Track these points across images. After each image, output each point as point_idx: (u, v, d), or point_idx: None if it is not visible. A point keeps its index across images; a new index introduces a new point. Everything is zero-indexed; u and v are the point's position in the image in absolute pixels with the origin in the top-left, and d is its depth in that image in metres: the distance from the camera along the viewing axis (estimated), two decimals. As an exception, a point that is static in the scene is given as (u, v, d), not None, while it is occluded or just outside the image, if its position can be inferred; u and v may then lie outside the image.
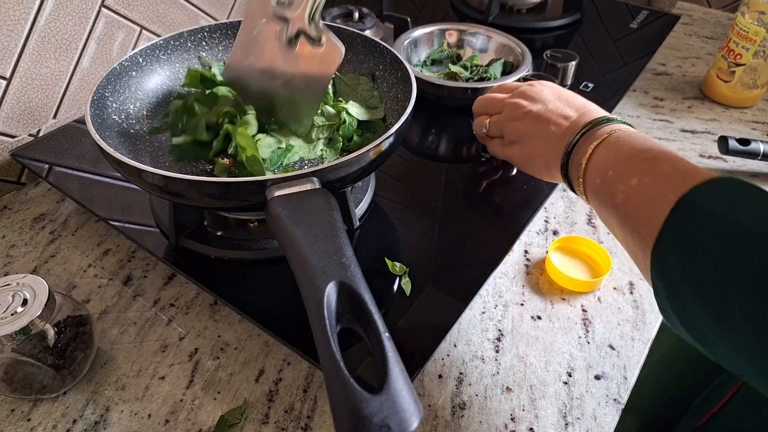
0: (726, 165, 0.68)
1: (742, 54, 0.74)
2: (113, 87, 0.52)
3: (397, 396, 0.28)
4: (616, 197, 0.37)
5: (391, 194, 0.58)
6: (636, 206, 0.35)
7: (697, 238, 0.30)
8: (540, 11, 0.96)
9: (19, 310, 0.39)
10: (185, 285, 0.53)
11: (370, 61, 0.59)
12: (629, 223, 0.35)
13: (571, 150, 0.42)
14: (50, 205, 0.62)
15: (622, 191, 0.36)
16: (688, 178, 0.32)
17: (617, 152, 0.38)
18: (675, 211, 0.31)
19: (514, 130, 0.49)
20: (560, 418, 0.43)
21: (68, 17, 0.64)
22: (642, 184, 0.35)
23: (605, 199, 0.38)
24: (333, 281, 0.32)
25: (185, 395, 0.44)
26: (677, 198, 0.31)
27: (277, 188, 0.39)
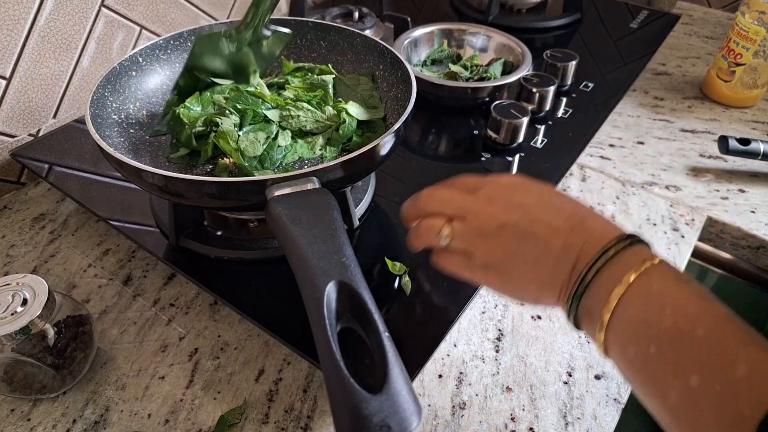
0: (726, 165, 0.68)
1: (743, 54, 0.74)
2: (113, 87, 0.52)
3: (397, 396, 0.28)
4: (668, 395, 0.27)
5: (391, 194, 0.58)
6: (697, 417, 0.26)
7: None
8: (540, 11, 0.96)
9: (19, 309, 0.39)
10: (185, 285, 0.53)
11: (370, 61, 0.59)
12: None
13: (582, 292, 0.32)
14: (50, 204, 0.62)
15: (676, 389, 0.27)
16: None
17: (659, 314, 0.28)
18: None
19: (488, 251, 0.37)
20: (560, 417, 0.43)
21: (68, 17, 0.64)
22: (706, 387, 0.26)
23: (647, 385, 0.29)
24: (333, 281, 0.32)
25: (185, 395, 0.44)
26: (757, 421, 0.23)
27: (277, 188, 0.39)
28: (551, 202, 0.37)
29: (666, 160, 0.69)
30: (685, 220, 0.61)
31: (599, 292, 0.31)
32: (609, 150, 0.71)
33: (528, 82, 0.68)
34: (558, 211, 0.36)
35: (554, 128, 0.69)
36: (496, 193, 0.38)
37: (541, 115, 0.70)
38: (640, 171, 0.67)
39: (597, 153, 0.70)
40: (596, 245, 0.33)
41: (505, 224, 0.36)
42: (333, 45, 0.61)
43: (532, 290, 0.36)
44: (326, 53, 0.61)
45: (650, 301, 0.29)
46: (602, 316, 0.30)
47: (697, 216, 0.61)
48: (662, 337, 0.28)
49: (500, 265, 0.37)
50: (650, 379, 0.29)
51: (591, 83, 0.77)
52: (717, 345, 0.26)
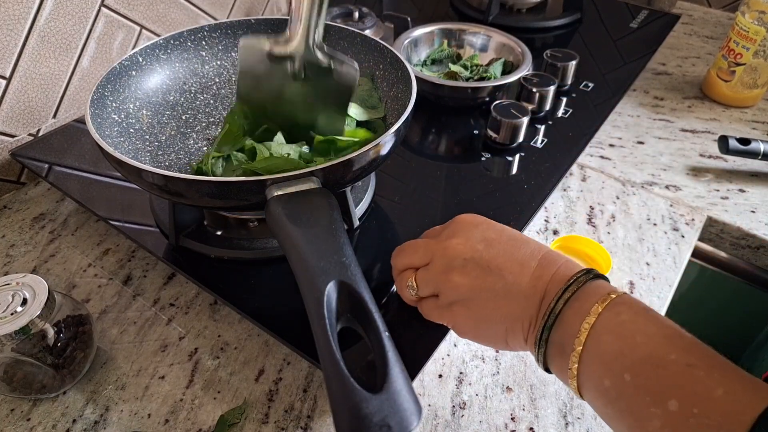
0: (726, 165, 0.68)
1: (743, 53, 0.74)
2: (113, 86, 0.52)
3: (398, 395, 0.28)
4: (648, 423, 0.27)
5: (391, 194, 0.58)
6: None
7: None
8: (540, 11, 0.96)
9: (18, 309, 0.39)
10: (185, 284, 0.53)
11: (370, 61, 0.59)
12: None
13: (552, 323, 0.32)
14: (50, 204, 0.62)
15: (656, 416, 0.27)
16: (748, 407, 0.24)
17: (631, 343, 0.29)
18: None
19: (452, 285, 0.36)
20: (560, 417, 0.43)
21: (68, 17, 0.64)
22: (686, 411, 0.26)
23: (625, 416, 0.29)
24: (333, 280, 0.32)
25: (185, 395, 0.44)
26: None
27: (277, 188, 0.39)
28: (514, 238, 0.37)
29: (666, 159, 0.69)
30: (685, 219, 0.61)
31: (569, 324, 0.31)
32: (609, 150, 0.71)
33: (528, 82, 0.68)
34: (522, 246, 0.36)
35: (554, 128, 0.69)
36: (459, 229, 0.38)
37: (541, 114, 0.70)
38: (640, 171, 0.67)
39: (597, 153, 0.70)
40: (562, 279, 0.33)
41: (471, 258, 0.36)
42: (333, 45, 0.61)
43: (500, 328, 0.35)
44: (326, 53, 0.61)
45: (621, 331, 0.29)
46: (574, 348, 0.30)
47: (697, 216, 0.61)
48: (636, 365, 0.28)
49: (467, 301, 0.36)
50: (628, 409, 0.28)
51: (591, 83, 0.77)
52: (690, 369, 0.27)
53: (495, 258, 0.35)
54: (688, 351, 0.27)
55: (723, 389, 0.25)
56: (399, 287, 0.42)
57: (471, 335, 0.38)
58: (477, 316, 0.36)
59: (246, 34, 0.62)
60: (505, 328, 0.35)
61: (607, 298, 0.31)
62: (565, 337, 0.31)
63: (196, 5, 0.79)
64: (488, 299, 0.35)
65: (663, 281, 0.54)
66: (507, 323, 0.35)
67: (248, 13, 0.88)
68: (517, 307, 0.34)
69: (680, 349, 0.28)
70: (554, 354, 0.33)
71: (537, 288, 0.33)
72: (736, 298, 0.73)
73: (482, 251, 0.36)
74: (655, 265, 0.55)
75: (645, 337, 0.29)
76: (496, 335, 0.36)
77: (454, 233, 0.38)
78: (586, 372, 0.30)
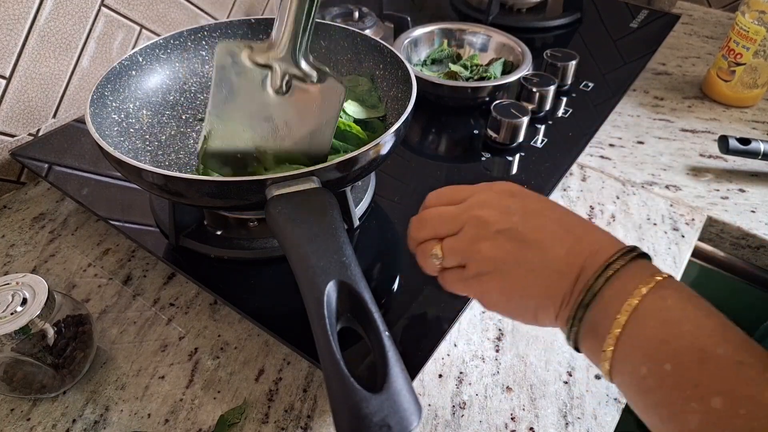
0: (726, 164, 0.68)
1: (743, 53, 0.74)
2: (113, 86, 0.52)
3: (398, 395, 0.28)
4: (687, 418, 0.25)
5: (391, 194, 0.58)
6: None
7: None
8: (540, 11, 0.96)
9: (18, 309, 0.39)
10: (185, 284, 0.53)
11: (370, 61, 0.59)
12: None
13: (589, 301, 0.30)
14: (50, 204, 0.62)
15: (697, 412, 0.25)
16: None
17: (677, 330, 0.27)
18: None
19: (482, 256, 0.34)
20: (560, 417, 0.43)
21: (68, 16, 0.64)
22: (732, 411, 0.24)
23: (661, 408, 0.27)
24: (333, 280, 0.32)
25: (185, 395, 0.44)
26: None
27: (277, 187, 0.39)
28: (552, 209, 0.35)
29: (666, 159, 0.69)
30: (685, 219, 0.61)
31: (608, 304, 0.29)
32: (609, 150, 0.71)
33: (528, 82, 0.68)
34: (560, 219, 0.34)
35: (554, 128, 0.69)
36: (490, 199, 0.36)
37: (541, 114, 0.70)
38: (640, 171, 0.67)
39: (597, 153, 0.70)
40: (603, 255, 0.31)
41: (503, 229, 0.34)
42: (333, 45, 0.61)
43: (531, 303, 0.33)
44: (326, 53, 0.61)
45: (666, 317, 0.27)
46: (612, 330, 0.28)
47: (697, 216, 0.61)
48: (680, 355, 0.26)
49: (496, 272, 0.34)
50: (666, 402, 0.26)
51: (591, 83, 0.77)
52: (741, 366, 0.25)
53: (531, 231, 0.33)
54: (738, 347, 0.25)
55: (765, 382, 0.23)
56: (422, 257, 0.38)
57: (499, 308, 0.36)
58: (507, 290, 0.34)
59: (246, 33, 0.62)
60: (536, 303, 0.33)
61: (651, 280, 0.28)
62: (603, 317, 0.29)
63: (196, 5, 0.79)
64: (520, 274, 0.33)
65: (663, 281, 0.54)
66: (538, 299, 0.33)
67: (248, 12, 0.88)
68: (550, 283, 0.32)
69: (730, 343, 0.26)
70: (587, 333, 0.31)
71: (574, 264, 0.31)
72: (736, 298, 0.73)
73: (518, 223, 0.33)
74: (656, 265, 0.55)
75: (692, 326, 0.26)
76: (526, 310, 0.34)
77: (484, 203, 0.35)
78: (622, 356, 0.28)
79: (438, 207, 0.38)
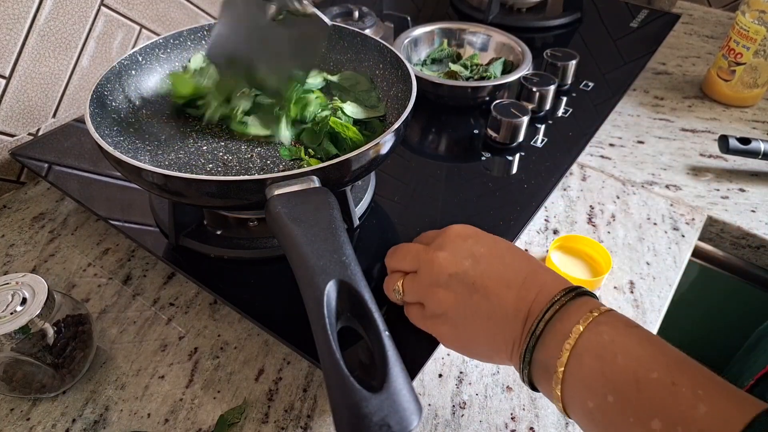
0: (726, 164, 0.68)
1: (743, 53, 0.74)
2: (113, 86, 0.52)
3: (397, 395, 0.28)
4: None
5: (391, 193, 0.58)
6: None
7: None
8: (540, 10, 0.96)
9: (18, 309, 0.39)
10: (185, 284, 0.53)
11: (370, 60, 0.59)
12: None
13: (534, 344, 0.32)
14: (50, 204, 0.62)
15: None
16: (730, 423, 0.24)
17: (612, 363, 0.28)
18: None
19: (437, 300, 0.36)
20: (560, 417, 0.43)
21: (68, 16, 0.64)
22: (667, 429, 0.26)
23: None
24: (333, 280, 0.32)
25: (185, 394, 0.44)
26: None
27: (277, 187, 0.39)
28: (502, 253, 0.36)
29: (666, 159, 0.69)
30: (685, 219, 0.61)
31: (550, 346, 0.31)
32: (609, 149, 0.71)
33: (528, 82, 0.68)
34: (510, 263, 0.35)
35: (554, 127, 0.69)
36: (448, 242, 0.38)
37: (541, 114, 0.70)
38: (640, 170, 0.67)
39: (597, 152, 0.70)
40: (545, 297, 0.33)
41: (455, 274, 0.35)
42: (333, 44, 0.61)
43: (484, 347, 0.35)
44: (326, 52, 0.61)
45: (602, 351, 0.29)
46: (557, 369, 0.30)
47: (697, 215, 0.61)
48: (619, 386, 0.28)
49: (451, 316, 0.36)
50: (613, 430, 0.28)
51: (591, 82, 0.77)
52: (674, 387, 0.26)
53: (480, 276, 0.35)
54: (671, 368, 0.27)
55: (707, 406, 0.25)
56: (386, 288, 0.42)
57: (455, 349, 0.38)
58: (461, 334, 0.36)
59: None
60: (488, 348, 0.35)
61: (588, 317, 0.30)
62: (548, 358, 0.31)
63: (195, 4, 0.79)
64: (472, 319, 0.35)
65: (663, 281, 0.54)
66: (491, 343, 0.35)
67: (248, 12, 0.88)
68: (501, 328, 0.34)
69: (663, 366, 0.27)
70: (539, 374, 0.32)
71: (520, 309, 0.33)
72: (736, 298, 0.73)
73: (468, 268, 0.35)
74: (656, 265, 0.55)
75: (626, 357, 0.28)
76: (481, 353, 0.36)
77: (443, 245, 0.38)
78: (569, 393, 0.30)
79: (410, 245, 0.41)
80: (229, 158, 0.51)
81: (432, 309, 0.37)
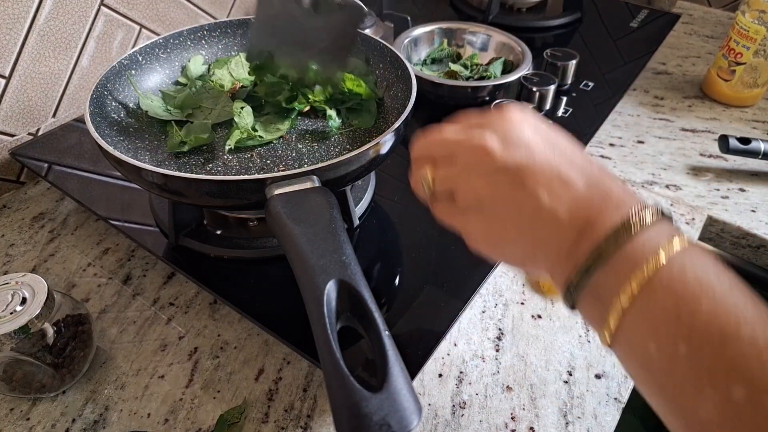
0: (726, 164, 0.68)
1: (743, 53, 0.74)
2: (112, 85, 0.52)
3: (398, 394, 0.28)
4: (699, 406, 0.22)
5: (391, 193, 0.58)
6: None
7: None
8: (540, 10, 0.96)
9: (18, 308, 0.39)
10: (185, 284, 0.53)
11: (370, 60, 0.59)
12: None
13: (596, 264, 0.26)
14: (49, 204, 0.62)
15: (712, 401, 0.22)
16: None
17: (695, 307, 0.23)
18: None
19: (473, 190, 0.30)
20: (561, 417, 0.43)
21: (67, 16, 0.64)
22: (755, 402, 0.21)
23: (668, 391, 0.24)
24: (333, 279, 0.32)
25: (185, 394, 0.44)
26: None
27: (277, 186, 0.39)
28: (564, 148, 0.30)
29: (666, 159, 0.69)
30: (685, 219, 0.61)
31: (617, 272, 0.25)
32: (609, 149, 0.71)
33: (528, 81, 0.68)
34: (571, 159, 0.29)
35: (554, 127, 0.69)
36: (497, 125, 0.31)
37: (541, 114, 0.70)
38: (640, 170, 0.67)
39: (597, 152, 0.70)
40: (615, 212, 0.26)
41: (503, 165, 0.29)
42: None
43: (519, 251, 0.30)
44: (326, 52, 0.61)
45: (683, 291, 0.23)
46: (619, 298, 0.25)
47: (697, 215, 0.61)
48: (697, 336, 0.23)
49: (486, 211, 0.30)
50: (675, 386, 0.23)
51: (591, 82, 0.77)
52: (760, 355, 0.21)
53: (532, 169, 0.28)
54: (766, 327, 0.22)
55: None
56: (413, 179, 0.34)
57: (484, 250, 0.32)
58: (493, 232, 0.30)
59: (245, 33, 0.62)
60: (524, 252, 0.29)
61: (672, 246, 0.25)
62: (608, 284, 0.26)
63: (195, 4, 0.79)
64: (511, 217, 0.29)
65: (663, 280, 0.54)
66: (529, 248, 0.29)
67: (248, 12, 0.88)
68: (547, 233, 0.28)
69: (758, 324, 0.22)
70: (588, 298, 0.27)
71: (578, 216, 0.27)
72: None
73: (518, 158, 0.29)
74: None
75: (714, 303, 0.23)
76: (513, 257, 0.31)
77: (491, 126, 0.31)
78: (627, 328, 0.25)
79: (443, 130, 0.33)
80: (228, 158, 0.51)
81: (465, 200, 0.31)
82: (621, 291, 0.25)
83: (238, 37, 0.62)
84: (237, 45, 0.62)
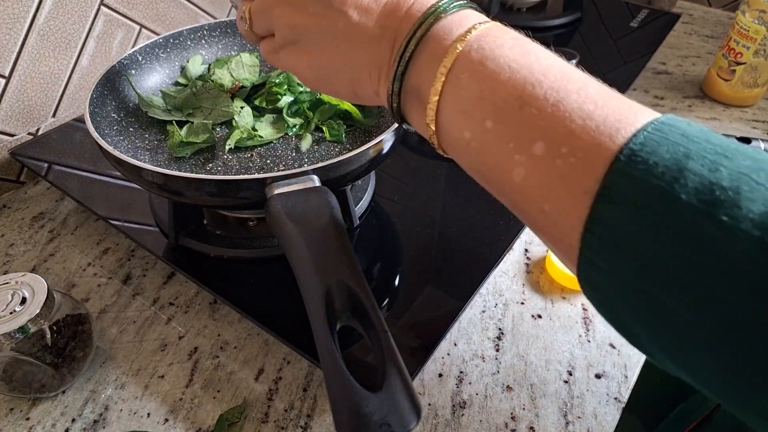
0: (726, 164, 0.68)
1: (743, 53, 0.74)
2: (112, 85, 0.52)
3: (397, 394, 0.28)
4: (511, 173, 0.23)
5: (391, 193, 0.58)
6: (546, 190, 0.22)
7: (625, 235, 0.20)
8: (540, 10, 0.96)
9: (18, 308, 0.39)
10: (185, 284, 0.53)
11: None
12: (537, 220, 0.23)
13: (404, 69, 0.26)
14: (49, 203, 0.62)
15: (522, 165, 0.23)
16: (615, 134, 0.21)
17: (494, 82, 0.23)
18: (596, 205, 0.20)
19: (285, 22, 0.30)
20: (561, 417, 0.43)
21: (67, 15, 0.64)
22: (551, 154, 0.22)
23: (489, 169, 0.25)
24: (333, 279, 0.32)
25: (184, 394, 0.44)
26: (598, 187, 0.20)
27: (277, 186, 0.39)
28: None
29: (666, 159, 0.69)
30: (685, 219, 0.61)
31: (424, 69, 0.26)
32: (609, 149, 0.71)
33: (528, 81, 0.68)
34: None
35: (554, 127, 0.69)
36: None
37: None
38: (640, 170, 0.67)
39: (597, 152, 0.70)
40: (417, 13, 0.26)
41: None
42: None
43: (343, 77, 0.29)
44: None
45: (482, 71, 0.24)
46: (430, 98, 0.25)
47: (697, 215, 0.61)
48: (499, 109, 0.23)
49: (303, 43, 0.30)
50: (491, 162, 0.24)
51: (591, 82, 0.77)
52: (559, 103, 0.22)
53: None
54: (561, 81, 0.23)
55: (595, 120, 0.21)
56: (237, 19, 0.35)
57: (314, 85, 0.32)
58: (315, 63, 0.30)
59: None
60: (349, 77, 0.29)
61: (469, 33, 0.25)
62: (420, 84, 0.26)
63: (195, 4, 0.79)
64: (327, 42, 0.29)
65: (663, 280, 0.54)
66: (351, 72, 0.29)
67: (248, 12, 0.88)
68: (362, 52, 0.28)
69: (551, 80, 0.23)
70: (412, 105, 0.27)
71: (387, 27, 0.27)
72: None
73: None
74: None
75: (510, 75, 0.23)
76: (341, 85, 0.30)
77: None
78: (445, 125, 0.25)
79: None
80: (228, 157, 0.51)
81: (283, 35, 0.31)
82: (430, 89, 0.25)
83: (238, 37, 0.62)
84: (237, 45, 0.62)
